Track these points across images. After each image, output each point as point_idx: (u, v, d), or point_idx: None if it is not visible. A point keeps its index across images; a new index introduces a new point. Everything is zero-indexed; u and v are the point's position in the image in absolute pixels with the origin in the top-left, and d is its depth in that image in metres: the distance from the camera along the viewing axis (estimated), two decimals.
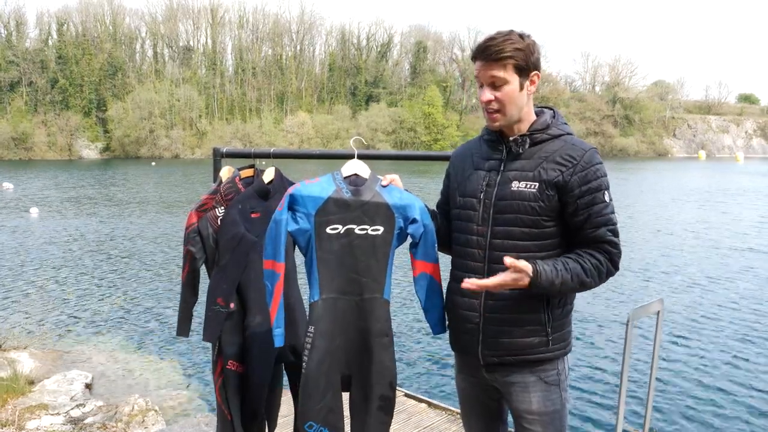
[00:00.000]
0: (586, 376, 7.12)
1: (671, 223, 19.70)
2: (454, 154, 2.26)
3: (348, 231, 2.12)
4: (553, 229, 1.96)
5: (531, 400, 2.04)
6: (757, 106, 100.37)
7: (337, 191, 2.13)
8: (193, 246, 2.50)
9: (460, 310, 2.09)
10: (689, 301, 10.39)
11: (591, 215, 1.91)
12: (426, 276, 2.17)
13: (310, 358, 2.11)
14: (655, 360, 2.82)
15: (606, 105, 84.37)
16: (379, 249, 2.14)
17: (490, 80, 1.93)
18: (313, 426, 2.11)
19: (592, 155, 1.94)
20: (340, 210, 2.11)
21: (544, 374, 2.03)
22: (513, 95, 1.93)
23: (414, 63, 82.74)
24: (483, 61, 1.92)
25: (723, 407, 6.37)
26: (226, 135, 69.74)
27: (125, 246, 15.69)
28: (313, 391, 2.11)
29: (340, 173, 2.18)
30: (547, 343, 2.00)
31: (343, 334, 2.14)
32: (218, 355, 2.55)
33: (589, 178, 1.91)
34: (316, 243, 2.11)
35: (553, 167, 1.93)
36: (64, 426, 4.97)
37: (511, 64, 1.90)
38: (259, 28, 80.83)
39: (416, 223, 2.14)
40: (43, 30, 73.31)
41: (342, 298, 2.13)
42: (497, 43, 1.90)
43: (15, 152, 63.95)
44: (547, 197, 1.92)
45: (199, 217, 2.51)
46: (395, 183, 2.21)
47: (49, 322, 9.17)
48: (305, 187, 2.13)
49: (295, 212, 2.12)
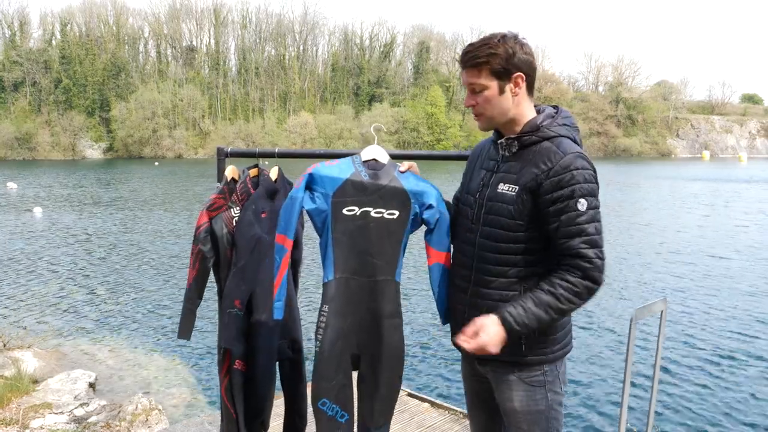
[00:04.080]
0: (589, 376, 7.11)
1: (673, 223, 19.67)
2: (473, 149, 2.29)
3: (364, 213, 2.15)
4: (530, 234, 1.92)
5: (513, 398, 2.04)
6: (760, 106, 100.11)
7: (356, 174, 2.17)
8: (205, 245, 2.48)
9: (454, 303, 2.14)
10: (693, 300, 10.37)
11: (561, 224, 1.85)
12: (439, 266, 2.18)
13: (325, 337, 2.15)
14: (658, 360, 2.83)
15: (609, 105, 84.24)
16: (394, 233, 2.17)
17: (469, 86, 1.96)
18: (326, 403, 2.15)
19: (570, 160, 1.85)
20: (357, 192, 2.15)
21: (526, 375, 2.01)
22: (492, 99, 1.94)
23: (417, 63, 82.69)
24: (462, 68, 1.97)
25: (726, 407, 6.35)
26: (229, 135, 69.80)
27: (128, 245, 15.71)
28: (327, 370, 2.14)
29: (360, 157, 2.22)
30: (521, 347, 1.97)
31: (355, 313, 2.17)
32: (224, 354, 2.55)
33: (562, 185, 1.84)
34: (332, 223, 2.15)
35: (531, 171, 1.91)
36: (68, 425, 4.99)
37: (487, 69, 1.91)
38: (262, 28, 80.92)
39: (432, 209, 2.16)
40: (46, 30, 73.52)
41: (355, 279, 2.16)
42: (473, 49, 1.92)
43: (19, 152, 64.11)
44: (522, 201, 1.90)
45: (210, 217, 2.50)
46: (413, 169, 2.24)
47: (53, 322, 9.20)
48: (325, 167, 2.17)
49: (314, 192, 2.15)
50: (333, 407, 2.15)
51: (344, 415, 2.17)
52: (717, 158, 79.04)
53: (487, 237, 1.98)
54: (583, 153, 1.90)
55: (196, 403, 6.43)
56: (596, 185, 1.89)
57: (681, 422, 6.02)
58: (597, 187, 1.89)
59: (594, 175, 1.89)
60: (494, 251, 1.96)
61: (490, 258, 1.97)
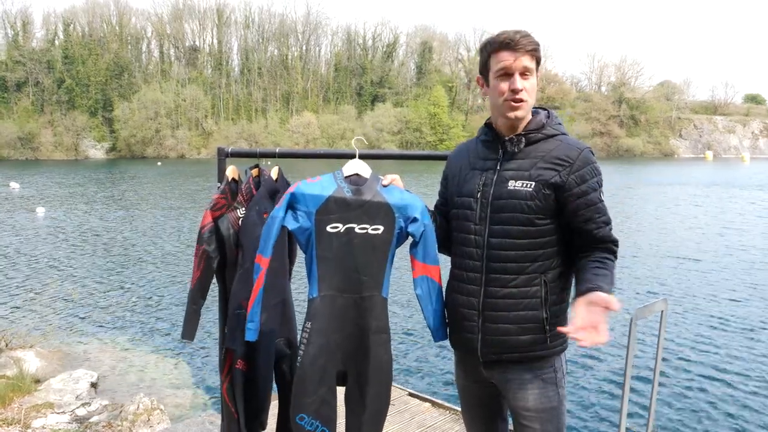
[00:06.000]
0: (590, 376, 7.11)
1: (675, 223, 19.64)
2: (451, 155, 2.29)
3: (348, 230, 2.13)
4: (549, 227, 1.98)
5: (528, 397, 2.05)
6: (763, 106, 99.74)
7: (338, 190, 2.14)
8: (209, 246, 2.46)
9: (460, 308, 2.10)
10: (694, 300, 10.35)
11: (593, 214, 1.95)
12: (426, 279, 2.17)
13: (306, 353, 2.13)
14: (658, 359, 2.82)
15: (612, 105, 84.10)
16: (379, 248, 2.15)
17: (522, 69, 1.96)
18: (304, 418, 2.13)
19: (587, 155, 1.98)
20: (340, 209, 2.13)
21: (541, 372, 2.04)
22: (535, 88, 2.01)
23: (419, 63, 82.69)
24: (516, 51, 1.94)
25: (727, 407, 6.34)
26: (232, 135, 69.87)
27: (131, 245, 15.73)
28: (307, 386, 2.12)
29: (341, 172, 2.20)
30: (545, 341, 2.02)
31: (341, 330, 2.15)
32: (226, 354, 2.55)
33: (586, 177, 1.95)
34: (317, 241, 2.12)
35: (549, 167, 1.96)
36: (70, 424, 5.00)
37: (536, 58, 1.98)
38: (265, 28, 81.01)
39: (417, 222, 2.15)
40: (49, 30, 73.75)
41: (341, 296, 2.14)
42: (527, 35, 1.95)
43: (21, 152, 64.29)
44: (543, 196, 1.95)
45: (213, 217, 2.48)
46: (396, 183, 2.21)
47: (55, 322, 9.21)
48: (306, 185, 2.14)
49: (296, 210, 2.13)
50: (313, 422, 2.13)
51: (324, 430, 2.15)
52: (720, 158, 78.88)
53: (501, 235, 1.99)
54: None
55: (197, 402, 6.44)
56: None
57: (681, 422, 6.01)
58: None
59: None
60: (511, 248, 1.97)
61: (507, 256, 1.98)
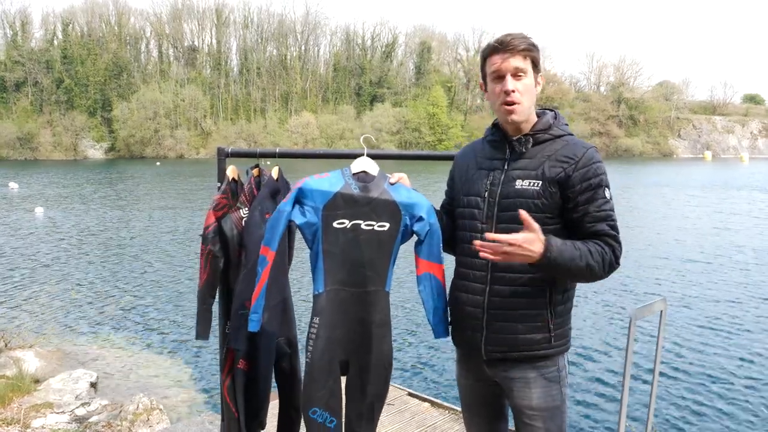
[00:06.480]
0: (589, 375, 7.12)
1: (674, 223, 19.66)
2: (458, 155, 2.31)
3: (354, 226, 2.17)
4: (556, 226, 2.00)
5: (531, 396, 2.06)
6: (762, 106, 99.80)
7: (346, 187, 2.18)
8: (214, 246, 2.47)
9: (464, 306, 2.12)
10: (693, 300, 10.36)
11: (591, 210, 1.97)
12: (429, 276, 2.20)
13: (315, 348, 2.17)
14: (658, 359, 2.83)
15: (611, 105, 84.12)
16: (384, 244, 2.19)
17: (513, 70, 1.98)
18: (316, 411, 2.18)
19: (592, 153, 2.01)
20: (347, 205, 2.16)
21: (545, 370, 2.06)
22: (530, 88, 2.03)
23: (418, 63, 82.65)
24: (505, 53, 1.98)
25: (726, 406, 6.36)
26: (231, 135, 69.84)
27: (130, 245, 15.74)
28: (317, 379, 2.17)
29: (349, 169, 2.23)
30: (550, 340, 2.04)
31: (345, 323, 2.19)
32: (227, 354, 2.55)
33: (589, 175, 1.97)
34: (323, 236, 2.16)
35: (555, 165, 1.99)
36: (70, 424, 5.00)
37: (530, 58, 2.00)
38: (263, 29, 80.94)
39: (422, 221, 2.19)
40: (48, 30, 73.65)
41: (345, 290, 2.18)
42: (520, 36, 1.99)
43: (20, 152, 64.21)
44: (549, 194, 1.98)
45: (216, 217, 2.49)
46: (403, 181, 2.25)
47: (54, 322, 9.21)
48: (314, 181, 2.17)
49: (303, 205, 2.16)
50: (323, 414, 2.18)
51: (333, 420, 2.20)
52: (719, 158, 78.91)
53: (508, 234, 2.00)
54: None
55: (196, 402, 6.45)
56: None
57: (680, 421, 6.03)
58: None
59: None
60: None
61: None
